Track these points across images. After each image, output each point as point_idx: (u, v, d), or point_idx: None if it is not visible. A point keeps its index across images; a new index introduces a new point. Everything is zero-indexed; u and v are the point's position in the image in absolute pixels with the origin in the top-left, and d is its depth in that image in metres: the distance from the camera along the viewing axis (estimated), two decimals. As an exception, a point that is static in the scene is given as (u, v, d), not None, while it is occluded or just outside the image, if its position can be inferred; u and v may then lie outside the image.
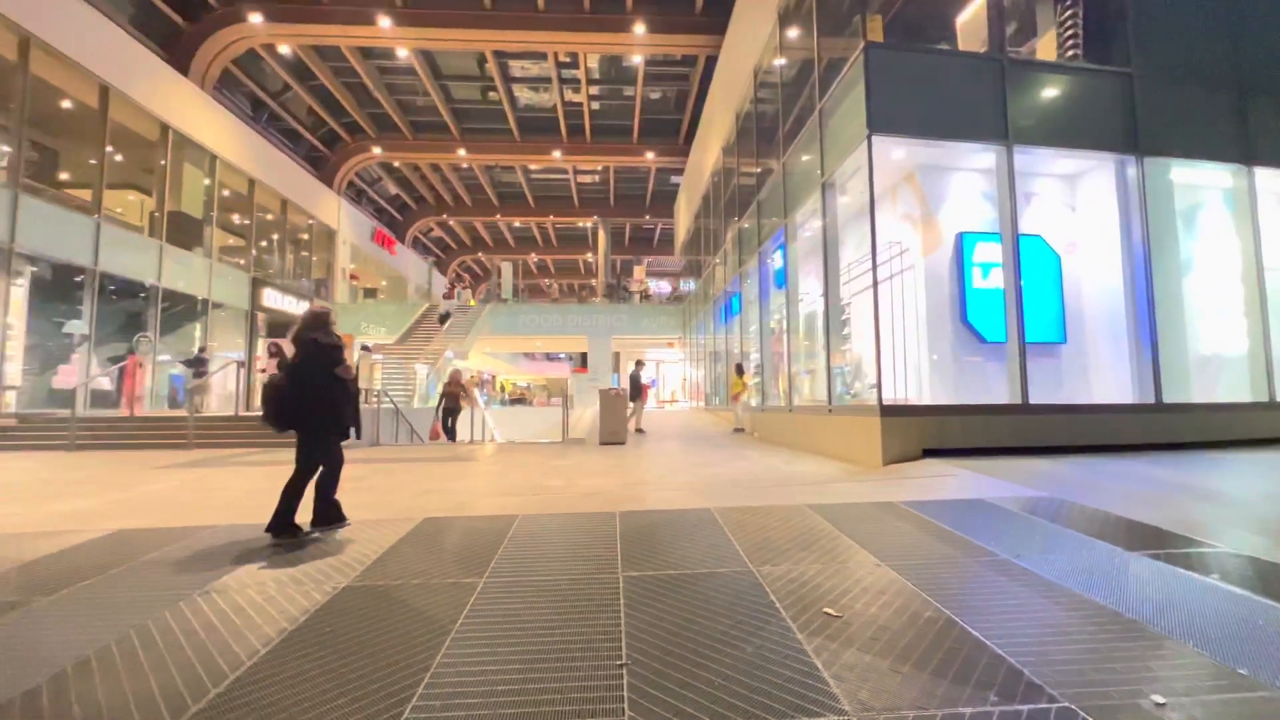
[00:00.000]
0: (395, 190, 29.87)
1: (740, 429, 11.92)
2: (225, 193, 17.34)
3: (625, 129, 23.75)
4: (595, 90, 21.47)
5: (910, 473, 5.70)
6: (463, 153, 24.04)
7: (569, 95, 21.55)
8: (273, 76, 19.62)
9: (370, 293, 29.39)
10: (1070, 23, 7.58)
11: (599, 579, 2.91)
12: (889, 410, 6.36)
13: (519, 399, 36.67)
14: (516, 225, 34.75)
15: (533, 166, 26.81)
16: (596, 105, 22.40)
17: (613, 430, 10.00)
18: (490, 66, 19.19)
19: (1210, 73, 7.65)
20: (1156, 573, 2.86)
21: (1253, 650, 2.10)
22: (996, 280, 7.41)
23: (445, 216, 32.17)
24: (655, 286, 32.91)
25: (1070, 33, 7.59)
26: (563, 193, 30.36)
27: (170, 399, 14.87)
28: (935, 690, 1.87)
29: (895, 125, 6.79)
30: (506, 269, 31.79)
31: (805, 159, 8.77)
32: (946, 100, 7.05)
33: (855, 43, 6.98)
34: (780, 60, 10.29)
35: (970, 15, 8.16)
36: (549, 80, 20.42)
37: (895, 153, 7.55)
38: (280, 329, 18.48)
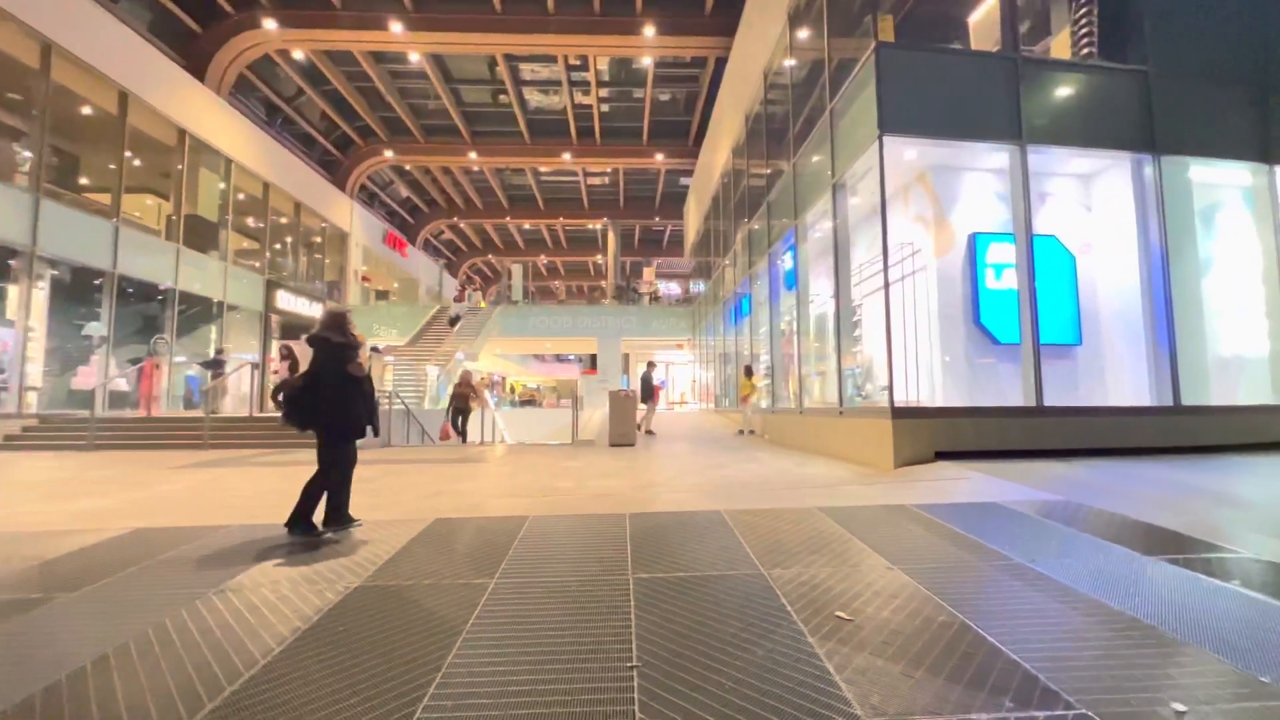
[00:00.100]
0: (407, 193, 30.11)
1: (745, 431, 11.85)
2: (240, 196, 17.57)
3: (635, 131, 23.78)
4: (605, 92, 21.51)
5: (922, 475, 5.65)
6: (473, 155, 24.19)
7: (579, 98, 21.62)
8: (287, 81, 19.86)
9: (382, 295, 29.64)
10: (1085, 21, 7.50)
11: (609, 581, 2.91)
12: (901, 412, 6.32)
13: (529, 400, 36.82)
14: (526, 227, 34.88)
15: (543, 169, 26.92)
16: (606, 107, 22.45)
17: (622, 432, 10.02)
18: (501, 70, 19.31)
19: (1228, 70, 7.53)
20: (1175, 578, 2.81)
21: (1276, 658, 2.06)
22: (1010, 281, 7.33)
23: (456, 219, 32.36)
24: (665, 288, 32.91)
25: (1085, 31, 7.50)
26: (572, 195, 30.44)
27: (185, 400, 15.08)
28: (949, 696, 1.85)
29: (907, 125, 6.76)
30: (516, 271, 31.94)
31: (816, 160, 8.73)
32: (959, 100, 7.00)
33: (866, 43, 6.95)
34: (790, 61, 10.26)
35: (982, 14, 8.10)
36: (559, 83, 20.49)
37: (907, 153, 7.51)
38: (293, 331, 18.69)
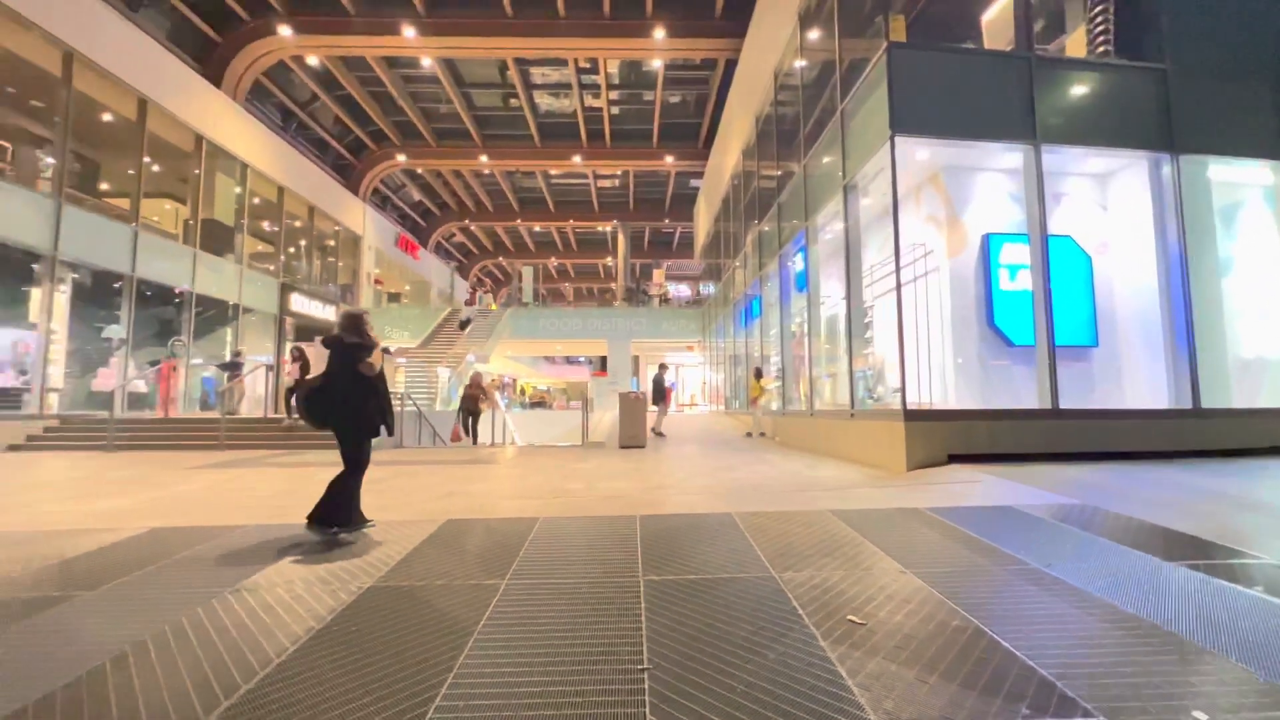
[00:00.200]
0: (419, 196, 30.37)
1: (755, 433, 11.78)
2: (256, 200, 17.81)
3: (645, 133, 23.83)
4: (615, 95, 21.58)
5: (935, 478, 5.60)
6: (484, 159, 24.36)
7: (589, 101, 21.71)
8: (301, 87, 20.13)
9: (394, 297, 29.93)
10: (1101, 19, 7.40)
11: (620, 582, 2.91)
12: (913, 414, 6.26)
13: (539, 402, 36.93)
14: (537, 230, 35.05)
15: (553, 171, 27.05)
16: (616, 110, 22.52)
17: (632, 434, 10.01)
18: (512, 74, 19.43)
19: (1249, 66, 7.39)
20: (1196, 584, 2.76)
21: (1301, 667, 2.01)
22: (1025, 282, 7.24)
23: (467, 222, 32.61)
24: (674, 290, 32.92)
25: (1101, 29, 7.41)
26: (582, 197, 30.55)
27: (201, 401, 15.29)
28: (964, 701, 1.83)
29: (919, 126, 6.71)
30: (527, 273, 32.14)
31: (826, 161, 8.69)
32: (972, 100, 6.94)
33: (877, 43, 6.91)
34: (801, 62, 10.23)
35: (996, 13, 8.03)
36: (569, 86, 20.59)
37: (919, 154, 7.45)
38: (307, 333, 18.89)
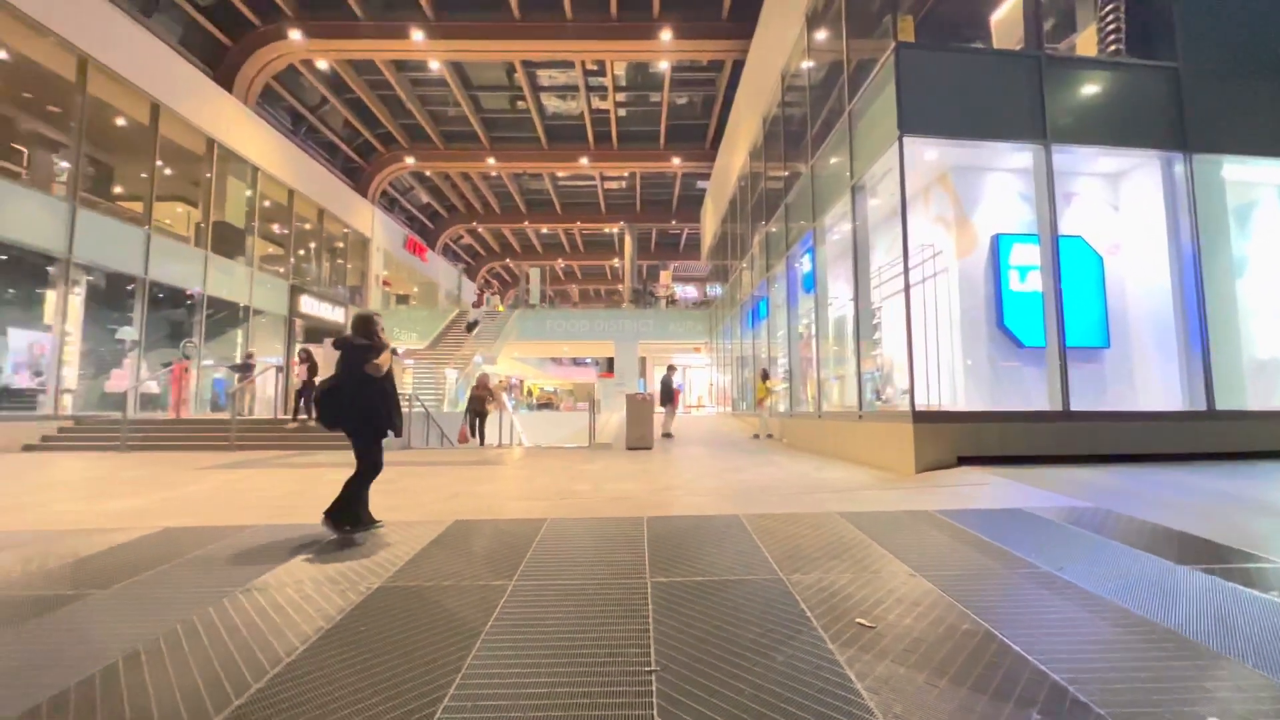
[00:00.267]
0: (427, 199, 30.54)
1: (761, 435, 11.74)
2: (266, 203, 17.98)
3: (652, 135, 23.85)
4: (622, 97, 21.62)
5: (945, 481, 5.56)
6: (492, 161, 24.47)
7: (596, 103, 21.75)
8: (311, 91, 20.32)
9: (402, 299, 30.11)
10: (1112, 17, 7.34)
11: (627, 584, 2.91)
12: (922, 416, 6.22)
13: (546, 404, 36.99)
14: (544, 231, 35.16)
15: (560, 173, 27.12)
16: (623, 112, 22.55)
17: (639, 435, 10.01)
18: (519, 76, 19.52)
19: (1264, 63, 7.29)
20: (1211, 588, 2.72)
21: (1320, 673, 1.98)
22: (1035, 283, 7.18)
23: (475, 224, 32.76)
24: (681, 291, 32.94)
25: (1112, 27, 7.34)
26: (590, 199, 30.62)
27: (212, 403, 15.44)
28: (974, 706, 1.81)
29: (927, 126, 6.67)
30: (534, 275, 32.22)
31: (834, 162, 8.66)
32: (981, 99, 6.90)
33: (885, 43, 6.89)
34: (808, 63, 10.20)
35: (1005, 13, 7.97)
36: (576, 88, 20.64)
37: (927, 154, 7.41)
38: (316, 335, 19.04)
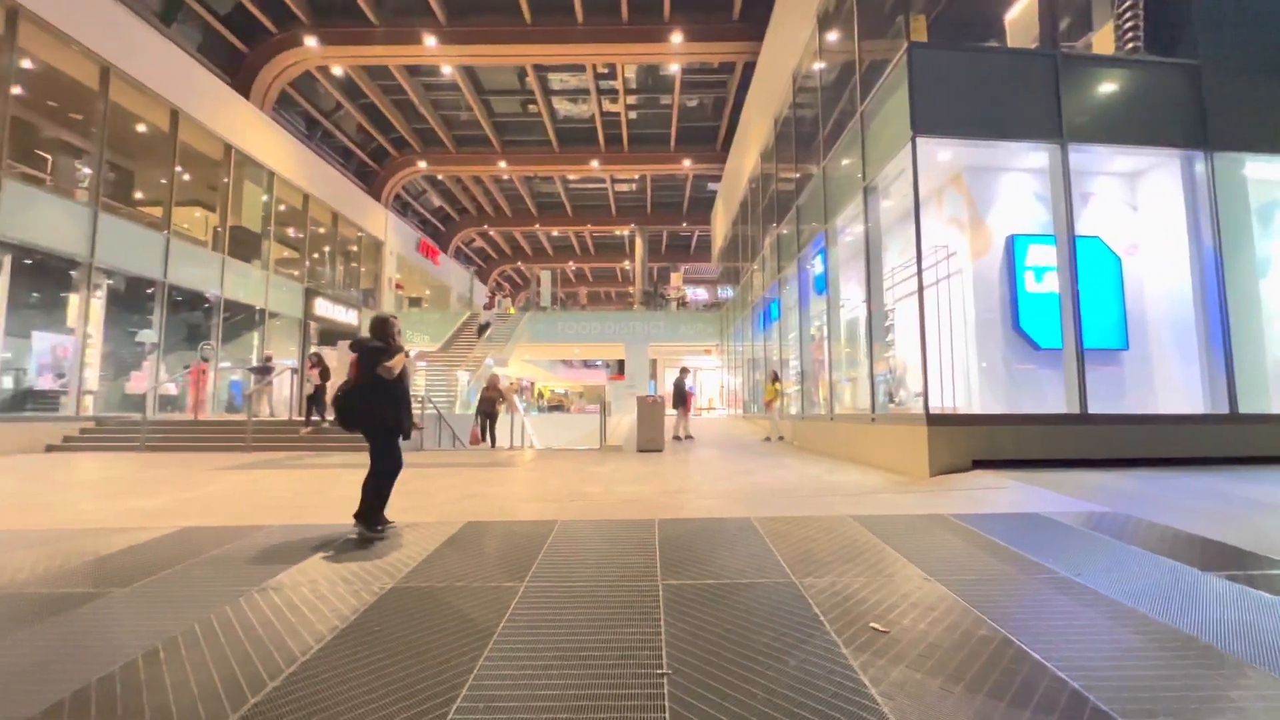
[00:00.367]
0: (439, 202, 30.78)
1: (772, 437, 11.63)
2: (281, 207, 18.21)
3: (662, 137, 23.87)
4: (632, 100, 21.65)
5: (959, 484, 5.49)
6: (503, 164, 24.61)
7: (607, 106, 21.81)
8: (326, 96, 20.57)
9: (415, 302, 30.33)
10: (1130, 14, 7.24)
11: (638, 586, 2.91)
12: (936, 419, 6.16)
13: (557, 406, 37.08)
14: (555, 234, 35.29)
15: (571, 176, 27.22)
16: (634, 114, 22.59)
17: (650, 437, 10.00)
18: (530, 80, 19.62)
19: (1287, 61, 7.17)
20: (1234, 595, 2.66)
21: (1349, 683, 1.93)
22: (1051, 284, 7.09)
23: (486, 227, 32.96)
24: (692, 293, 32.88)
25: (1130, 24, 7.24)
26: (600, 201, 30.68)
27: (228, 404, 15.65)
28: (991, 713, 1.79)
29: (941, 126, 6.62)
30: (545, 277, 32.35)
31: (846, 163, 8.62)
32: (996, 99, 6.83)
33: (898, 44, 6.84)
34: (819, 64, 10.16)
35: (1020, 11, 7.89)
36: (587, 91, 20.71)
37: (941, 154, 7.35)
38: (331, 337, 19.24)
